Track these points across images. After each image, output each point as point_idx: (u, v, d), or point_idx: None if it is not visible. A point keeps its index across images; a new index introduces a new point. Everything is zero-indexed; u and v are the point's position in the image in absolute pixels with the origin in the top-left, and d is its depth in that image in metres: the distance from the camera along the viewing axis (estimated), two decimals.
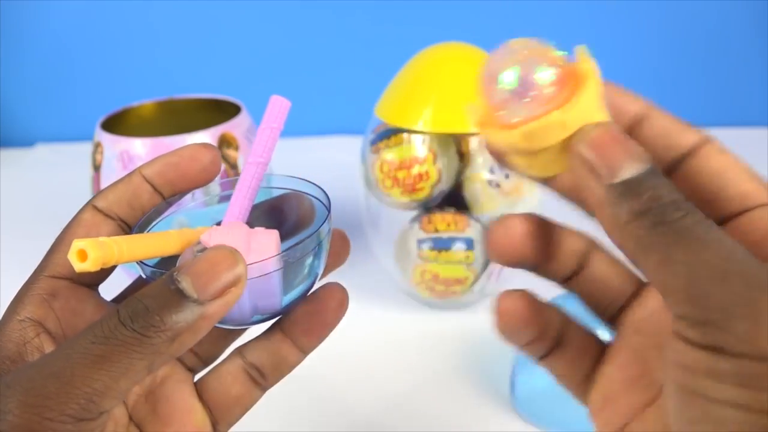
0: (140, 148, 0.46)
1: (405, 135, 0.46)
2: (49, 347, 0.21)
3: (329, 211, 0.24)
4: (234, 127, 0.49)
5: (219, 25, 0.84)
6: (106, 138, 0.47)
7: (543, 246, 0.22)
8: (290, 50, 0.84)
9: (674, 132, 0.20)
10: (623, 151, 0.17)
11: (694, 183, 0.19)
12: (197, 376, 0.27)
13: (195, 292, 0.19)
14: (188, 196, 0.26)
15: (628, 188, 0.17)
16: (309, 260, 0.24)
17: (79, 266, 0.19)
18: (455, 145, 0.47)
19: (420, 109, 0.46)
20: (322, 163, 0.77)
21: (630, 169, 0.17)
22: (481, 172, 0.46)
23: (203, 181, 0.25)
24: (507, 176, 0.46)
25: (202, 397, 0.26)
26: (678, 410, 0.16)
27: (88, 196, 0.59)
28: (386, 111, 0.48)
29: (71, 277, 0.23)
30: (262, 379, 0.26)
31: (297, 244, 0.23)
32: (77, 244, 0.19)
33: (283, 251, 0.23)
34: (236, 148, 0.49)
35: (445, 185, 0.46)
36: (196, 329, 0.19)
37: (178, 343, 0.18)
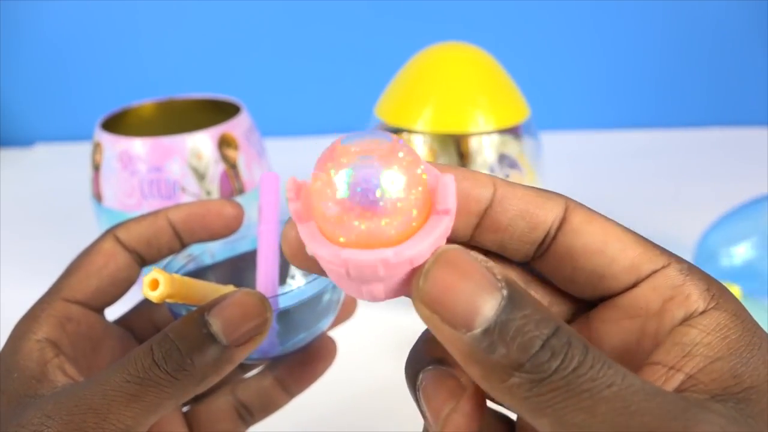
0: (140, 148, 0.46)
1: (405, 135, 0.46)
2: (69, 368, 0.21)
3: None
4: (234, 127, 0.49)
5: (219, 25, 0.83)
6: (105, 138, 0.47)
7: None
8: (290, 50, 0.84)
9: (532, 207, 0.17)
10: (475, 287, 0.14)
11: (573, 262, 0.17)
12: (186, 407, 0.28)
13: (224, 338, 0.20)
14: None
15: (490, 336, 0.14)
16: (323, 320, 0.26)
17: (149, 294, 0.20)
18: (455, 145, 0.47)
19: (420, 109, 0.46)
20: None
21: (489, 309, 0.14)
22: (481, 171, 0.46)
23: (222, 236, 0.26)
24: (507, 176, 0.46)
25: (191, 427, 0.27)
26: None
27: (87, 196, 0.59)
28: (386, 111, 0.48)
29: (84, 302, 0.23)
30: (249, 416, 0.28)
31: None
32: (155, 275, 0.20)
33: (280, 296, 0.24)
34: (236, 148, 0.49)
35: None
36: (221, 371, 0.20)
37: (204, 383, 0.20)
